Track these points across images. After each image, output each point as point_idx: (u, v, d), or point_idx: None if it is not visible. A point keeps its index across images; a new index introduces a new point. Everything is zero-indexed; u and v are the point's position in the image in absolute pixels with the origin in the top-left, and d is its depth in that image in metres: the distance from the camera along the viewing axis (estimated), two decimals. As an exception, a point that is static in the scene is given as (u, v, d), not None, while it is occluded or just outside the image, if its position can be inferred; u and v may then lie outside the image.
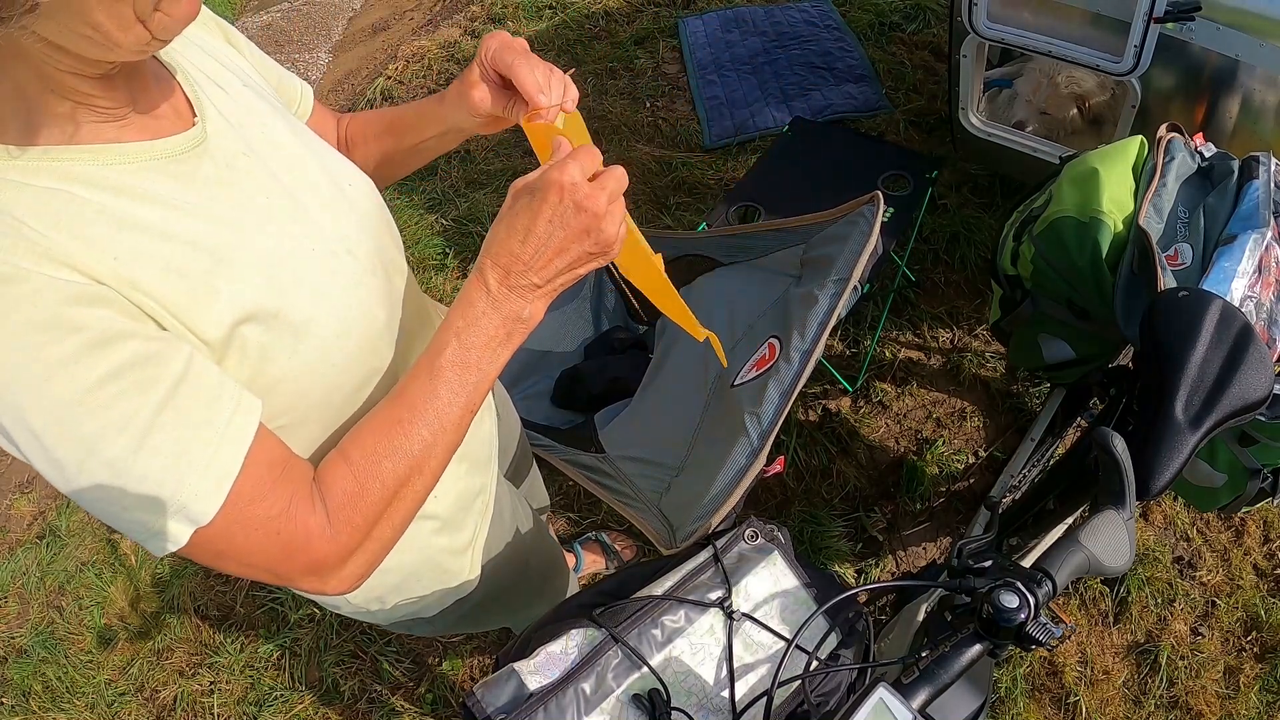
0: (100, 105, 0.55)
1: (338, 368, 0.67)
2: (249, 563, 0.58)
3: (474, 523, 0.95)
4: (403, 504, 0.65)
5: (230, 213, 0.60)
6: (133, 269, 0.53)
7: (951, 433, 2.02)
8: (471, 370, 0.64)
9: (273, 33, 4.21)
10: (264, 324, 0.60)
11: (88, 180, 0.53)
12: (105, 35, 0.49)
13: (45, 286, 0.49)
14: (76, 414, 0.49)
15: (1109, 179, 1.21)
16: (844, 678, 0.82)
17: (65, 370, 0.49)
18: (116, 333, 0.51)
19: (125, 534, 0.55)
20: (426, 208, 2.83)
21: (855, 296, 1.52)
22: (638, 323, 1.98)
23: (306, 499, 0.60)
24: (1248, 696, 1.61)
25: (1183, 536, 1.81)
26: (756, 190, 2.01)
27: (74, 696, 1.93)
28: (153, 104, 0.60)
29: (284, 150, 0.69)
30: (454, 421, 0.65)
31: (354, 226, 0.71)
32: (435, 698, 1.80)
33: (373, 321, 0.70)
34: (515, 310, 0.64)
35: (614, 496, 1.24)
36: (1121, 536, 0.74)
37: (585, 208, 0.60)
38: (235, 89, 0.69)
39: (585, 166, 0.61)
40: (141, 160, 0.56)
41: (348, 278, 0.68)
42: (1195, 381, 0.95)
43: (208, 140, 0.62)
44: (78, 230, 0.51)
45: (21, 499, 2.40)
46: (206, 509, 0.54)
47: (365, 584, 0.70)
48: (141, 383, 0.51)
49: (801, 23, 3.19)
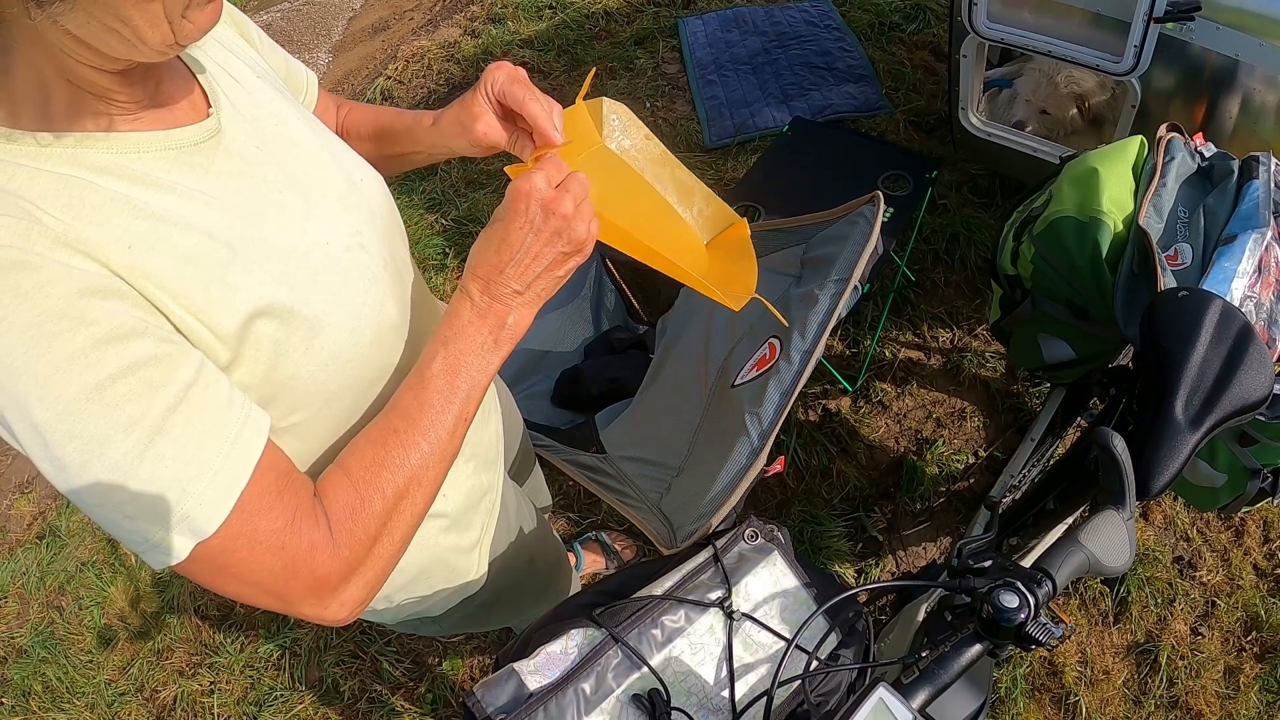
0: (117, 99, 0.54)
1: (351, 363, 0.66)
2: (251, 580, 0.56)
3: (481, 521, 0.95)
4: (402, 518, 0.64)
5: (246, 204, 0.60)
6: (147, 258, 0.52)
7: (951, 433, 2.02)
8: (461, 377, 0.65)
9: (273, 33, 4.21)
10: (279, 319, 0.59)
11: (102, 167, 0.53)
12: (134, 31, 0.49)
13: (60, 275, 0.48)
14: (84, 411, 0.48)
15: (1109, 179, 1.21)
16: (844, 678, 0.82)
17: (75, 365, 0.48)
18: (129, 330, 0.50)
19: (124, 543, 0.53)
20: (426, 208, 2.83)
21: (855, 296, 1.52)
22: (638, 323, 1.98)
23: (310, 513, 0.59)
24: (1248, 696, 1.61)
25: (1183, 536, 1.81)
26: (756, 190, 2.01)
27: (74, 696, 1.93)
28: (168, 97, 0.60)
29: (298, 144, 0.68)
30: (448, 430, 0.65)
31: (365, 222, 0.71)
32: (435, 698, 1.80)
33: (385, 317, 0.70)
34: (500, 317, 0.66)
35: (614, 496, 1.24)
36: (1121, 536, 0.74)
37: (553, 211, 0.63)
38: (249, 82, 0.69)
39: (550, 176, 0.64)
40: (156, 150, 0.56)
41: (361, 272, 0.67)
42: (1195, 381, 0.95)
43: (222, 132, 0.61)
44: (92, 216, 0.51)
45: (21, 499, 2.40)
46: (212, 518, 0.53)
47: None
48: (152, 383, 0.50)
49: (801, 23, 3.19)
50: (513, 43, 3.39)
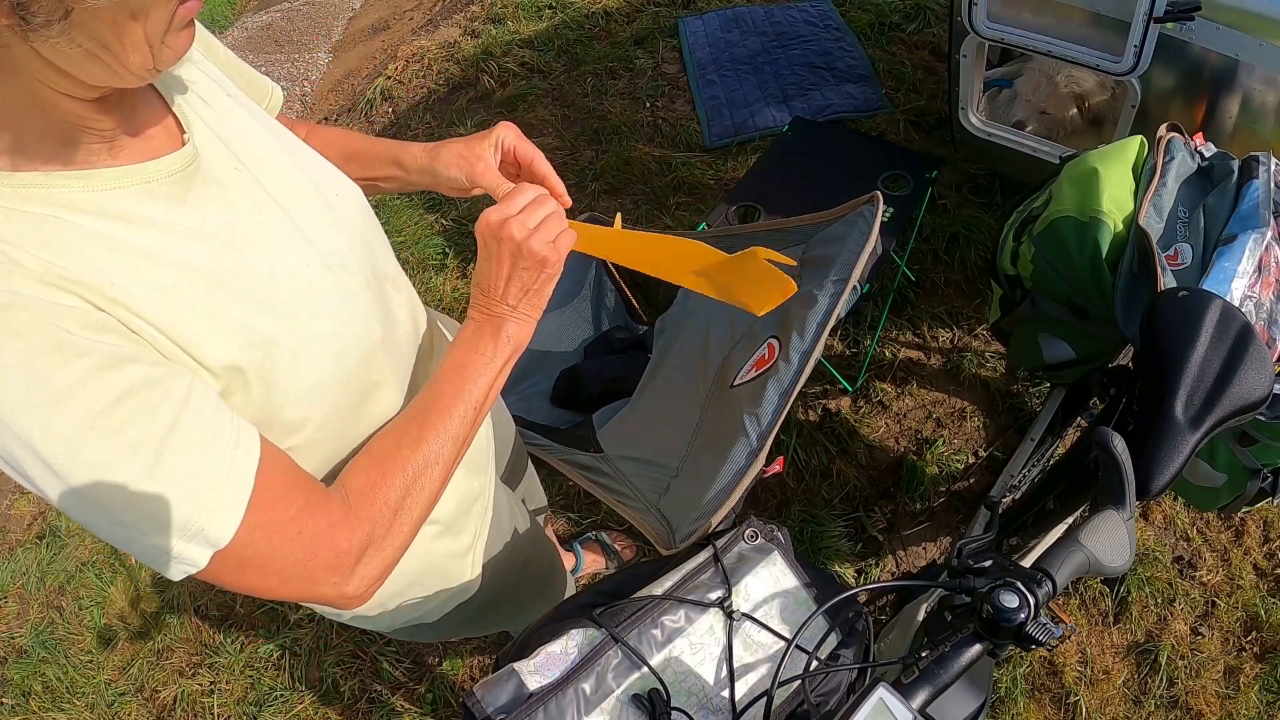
0: (93, 128, 0.54)
1: (339, 383, 0.67)
2: (272, 570, 0.57)
3: (474, 526, 0.96)
4: (421, 495, 0.67)
5: (225, 234, 0.60)
6: (130, 294, 0.52)
7: (951, 433, 2.02)
8: (469, 370, 0.72)
9: (273, 33, 4.21)
10: (263, 349, 0.59)
11: (79, 206, 0.52)
12: (115, 56, 0.49)
13: (47, 312, 0.48)
14: (88, 439, 0.49)
15: (1109, 179, 1.21)
16: (844, 678, 0.82)
17: (73, 395, 0.48)
18: (121, 356, 0.50)
19: (143, 560, 0.54)
20: (426, 208, 2.83)
21: (855, 296, 1.52)
22: (638, 323, 1.98)
23: (321, 495, 0.60)
24: (1248, 696, 1.61)
25: (1183, 536, 1.81)
26: (756, 190, 2.01)
27: (74, 696, 1.93)
28: (143, 124, 0.59)
29: (271, 163, 0.68)
30: (459, 418, 0.71)
31: (344, 240, 0.71)
32: (435, 698, 1.79)
33: (369, 336, 0.71)
34: (496, 328, 0.74)
35: (613, 496, 1.24)
36: (1121, 536, 0.74)
37: (502, 237, 0.71)
38: (219, 101, 0.68)
39: (504, 207, 0.71)
40: (135, 184, 0.56)
41: (344, 293, 0.68)
42: (1195, 381, 0.95)
43: (199, 158, 0.61)
44: (72, 254, 0.50)
45: (21, 499, 2.40)
46: (225, 528, 0.54)
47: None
48: (149, 405, 0.51)
49: (801, 23, 3.19)
50: (512, 43, 3.39)
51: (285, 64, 3.94)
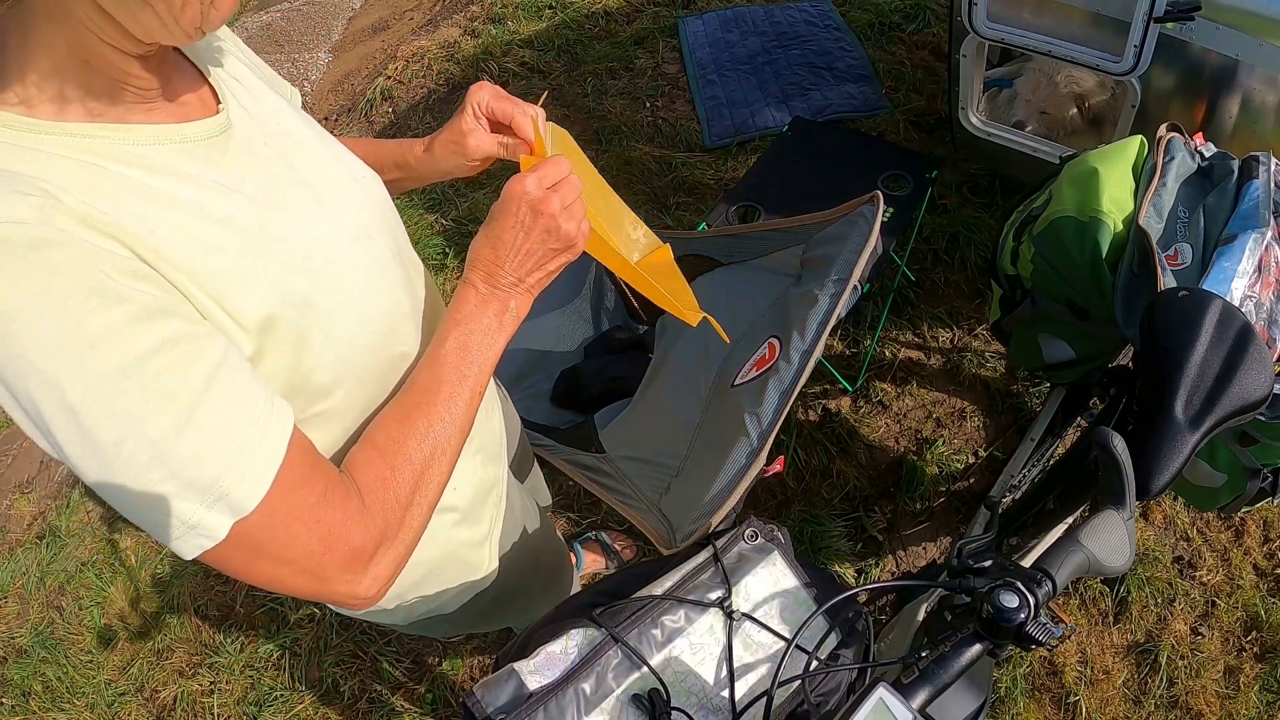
0: (134, 85, 0.54)
1: (369, 351, 0.67)
2: (287, 558, 0.56)
3: (490, 515, 0.96)
4: (429, 488, 0.66)
5: (260, 195, 0.60)
6: (170, 245, 0.52)
7: (951, 433, 2.02)
8: (472, 354, 0.70)
9: (273, 33, 4.21)
10: (297, 309, 0.59)
11: (120, 158, 0.52)
12: (169, 6, 0.49)
13: (89, 253, 0.47)
14: (120, 387, 0.47)
15: (1109, 179, 1.21)
16: (844, 678, 0.82)
17: (110, 341, 0.46)
18: (159, 308, 0.49)
19: (153, 532, 0.52)
20: (426, 208, 2.83)
21: (855, 296, 1.52)
22: (638, 323, 1.98)
23: (340, 486, 0.59)
24: (1248, 696, 1.61)
25: (1183, 536, 1.81)
26: (756, 190, 2.01)
27: (74, 696, 1.93)
28: (179, 90, 0.60)
29: (301, 143, 0.69)
30: (465, 402, 0.69)
31: (371, 216, 0.72)
32: (435, 698, 1.80)
33: (398, 305, 0.72)
34: (502, 303, 0.72)
35: (614, 496, 1.24)
36: (1121, 536, 0.74)
37: (541, 211, 0.68)
38: (251, 82, 0.69)
39: (542, 177, 0.69)
40: (173, 142, 0.56)
41: (372, 262, 0.69)
42: (1195, 381, 0.95)
43: (232, 127, 0.62)
44: (114, 201, 0.50)
45: (21, 499, 2.40)
46: (252, 494, 0.52)
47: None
48: (186, 359, 0.49)
49: (801, 23, 3.19)
50: (512, 43, 3.39)
51: (285, 64, 3.94)
